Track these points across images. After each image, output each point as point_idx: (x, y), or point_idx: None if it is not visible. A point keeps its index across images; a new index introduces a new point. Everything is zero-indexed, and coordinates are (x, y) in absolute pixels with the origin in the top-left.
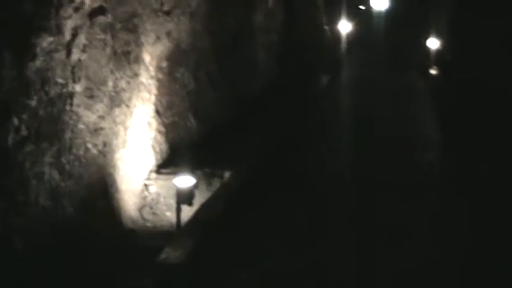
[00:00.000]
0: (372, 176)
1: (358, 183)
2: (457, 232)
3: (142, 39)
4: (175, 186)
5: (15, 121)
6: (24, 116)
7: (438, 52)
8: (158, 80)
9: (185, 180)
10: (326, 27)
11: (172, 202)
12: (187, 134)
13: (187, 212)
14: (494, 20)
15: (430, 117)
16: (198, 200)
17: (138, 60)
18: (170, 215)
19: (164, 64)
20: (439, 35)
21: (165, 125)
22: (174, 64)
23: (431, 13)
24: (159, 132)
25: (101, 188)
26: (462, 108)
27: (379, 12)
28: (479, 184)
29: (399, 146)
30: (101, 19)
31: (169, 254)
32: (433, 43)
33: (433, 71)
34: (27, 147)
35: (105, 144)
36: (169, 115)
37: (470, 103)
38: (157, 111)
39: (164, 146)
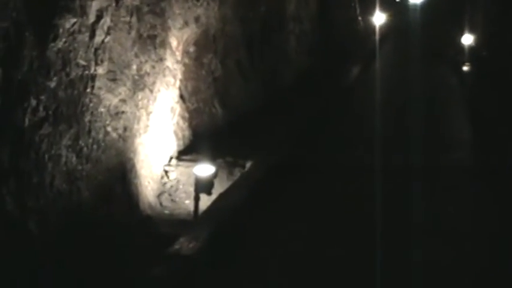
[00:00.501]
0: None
1: (384, 175)
2: None
3: (170, 23)
4: (194, 174)
5: (33, 102)
6: (43, 97)
7: (472, 48)
8: (184, 65)
9: (205, 169)
10: (360, 18)
11: (192, 190)
12: (212, 121)
13: (206, 201)
14: None
15: (461, 115)
16: (218, 190)
17: (164, 44)
18: (189, 203)
19: (191, 49)
20: (473, 31)
21: (189, 111)
22: (201, 49)
23: (466, 8)
24: (183, 118)
25: (120, 173)
26: (495, 107)
27: (415, 5)
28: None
29: (432, 142)
30: (127, 1)
31: (183, 245)
32: (468, 39)
33: (466, 67)
34: (45, 128)
35: (125, 129)
36: (194, 101)
37: (504, 102)
38: (181, 97)
39: (187, 132)
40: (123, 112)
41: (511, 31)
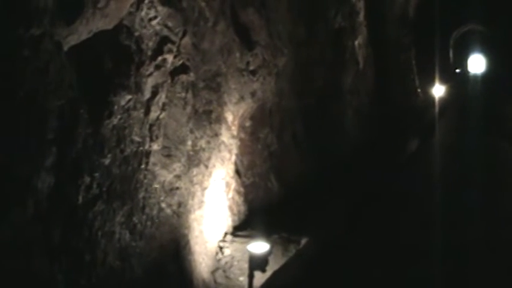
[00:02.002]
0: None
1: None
2: None
3: (225, 98)
4: (248, 251)
5: (87, 179)
6: (96, 174)
7: None
8: (240, 140)
9: (259, 246)
10: (419, 90)
11: (247, 266)
12: (267, 196)
13: (260, 278)
14: None
15: None
16: (273, 266)
17: (219, 119)
18: (243, 280)
19: (247, 124)
20: None
21: (245, 186)
22: (257, 124)
23: None
24: (238, 192)
25: (174, 249)
26: None
27: (476, 76)
28: None
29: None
30: (183, 77)
31: None
32: None
33: None
34: (98, 206)
35: (180, 205)
36: (249, 175)
37: None
38: (237, 171)
39: (242, 207)
40: (177, 188)
41: None
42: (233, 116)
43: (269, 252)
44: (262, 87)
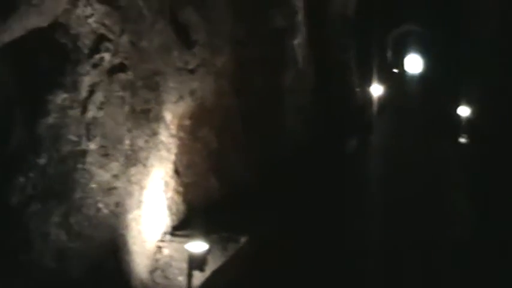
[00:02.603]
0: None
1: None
2: None
3: (164, 97)
4: (187, 251)
5: (22, 179)
6: (32, 174)
7: (469, 120)
8: (179, 139)
9: (198, 246)
10: (358, 89)
11: (186, 266)
12: (207, 195)
13: (199, 277)
14: None
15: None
16: (212, 266)
17: (158, 118)
18: (182, 280)
19: (187, 123)
20: (471, 102)
21: (184, 185)
22: (197, 123)
23: (463, 79)
24: (177, 192)
25: (112, 250)
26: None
27: (413, 76)
28: None
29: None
30: (120, 76)
31: None
32: (465, 110)
33: (463, 140)
34: (33, 206)
35: (117, 204)
36: (189, 175)
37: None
38: (176, 171)
39: (181, 207)
40: (115, 188)
41: (509, 104)
42: (172, 115)
43: (208, 252)
44: (202, 86)
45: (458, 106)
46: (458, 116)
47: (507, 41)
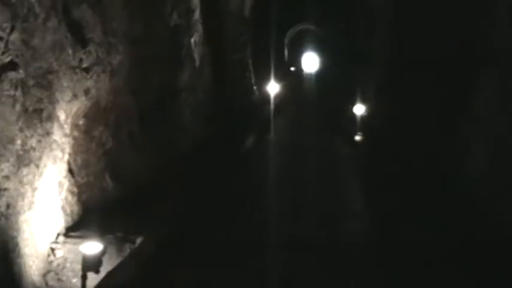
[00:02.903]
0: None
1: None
2: None
3: (58, 96)
4: (81, 252)
5: None
6: None
7: (364, 118)
8: (74, 139)
9: (92, 246)
10: (255, 87)
11: (80, 268)
12: (103, 195)
13: (94, 279)
14: (423, 91)
15: (352, 185)
16: (107, 267)
17: (51, 117)
18: (76, 282)
19: (81, 122)
20: (365, 100)
21: (79, 185)
22: (92, 122)
23: (358, 77)
24: (71, 192)
25: (1, 253)
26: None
27: (309, 74)
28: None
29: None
30: (11, 75)
31: None
32: (359, 108)
33: (358, 137)
34: None
35: (8, 206)
36: (83, 175)
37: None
38: (70, 171)
39: (76, 208)
40: (5, 189)
41: (399, 102)
42: (66, 114)
43: (103, 253)
44: (97, 85)
45: (353, 104)
46: (353, 114)
47: (398, 40)
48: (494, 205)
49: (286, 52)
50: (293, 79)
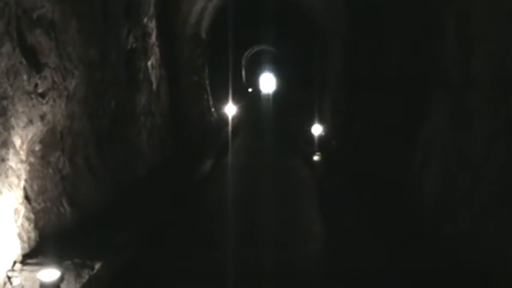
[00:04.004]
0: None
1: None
2: None
3: (13, 121)
4: (38, 279)
5: None
6: None
7: (322, 138)
8: (30, 164)
9: (50, 273)
10: (213, 109)
11: None
12: (60, 221)
13: None
14: (378, 111)
15: (310, 204)
16: None
17: (6, 144)
18: None
19: (37, 148)
20: (322, 120)
21: (35, 212)
22: (48, 148)
23: (315, 98)
24: (28, 219)
25: None
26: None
27: (267, 95)
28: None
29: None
30: None
31: None
32: (317, 128)
33: (316, 157)
34: None
35: None
36: (40, 201)
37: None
38: (26, 197)
39: (33, 234)
40: None
41: (356, 122)
42: (21, 140)
43: (60, 280)
44: (52, 110)
45: (311, 124)
46: (311, 134)
47: (352, 61)
48: (446, 224)
49: (243, 73)
50: (251, 100)
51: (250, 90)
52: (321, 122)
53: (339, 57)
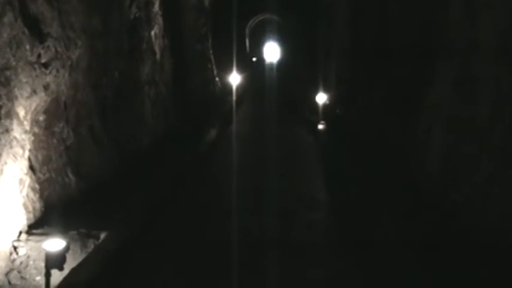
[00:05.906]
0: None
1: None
2: None
3: (16, 92)
4: (44, 249)
5: None
6: None
7: (326, 106)
8: (34, 135)
9: (55, 243)
10: (217, 79)
11: (44, 265)
12: (65, 191)
13: (58, 276)
14: (379, 78)
15: (315, 173)
16: (71, 264)
17: (10, 114)
18: (40, 279)
19: (41, 118)
20: (327, 89)
21: (40, 182)
22: (52, 118)
23: (319, 67)
24: (33, 189)
25: None
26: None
27: (271, 64)
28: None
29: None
30: None
31: None
32: (321, 97)
33: (321, 126)
34: None
35: None
36: (45, 171)
37: (354, 157)
38: (31, 168)
39: (38, 204)
40: None
41: (360, 90)
42: (25, 110)
43: (66, 249)
44: (56, 80)
45: (315, 92)
46: (315, 103)
47: (357, 30)
48: (451, 192)
49: (247, 42)
50: (255, 69)
51: (254, 59)
52: (326, 90)
53: (344, 26)
